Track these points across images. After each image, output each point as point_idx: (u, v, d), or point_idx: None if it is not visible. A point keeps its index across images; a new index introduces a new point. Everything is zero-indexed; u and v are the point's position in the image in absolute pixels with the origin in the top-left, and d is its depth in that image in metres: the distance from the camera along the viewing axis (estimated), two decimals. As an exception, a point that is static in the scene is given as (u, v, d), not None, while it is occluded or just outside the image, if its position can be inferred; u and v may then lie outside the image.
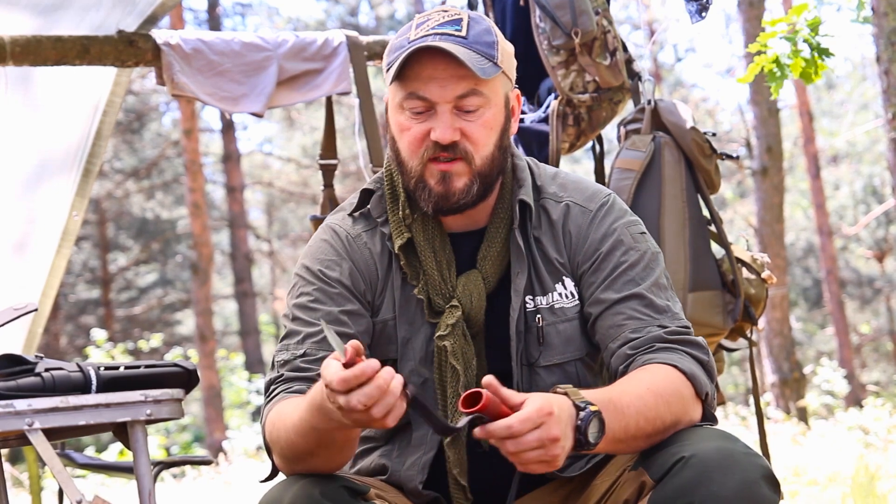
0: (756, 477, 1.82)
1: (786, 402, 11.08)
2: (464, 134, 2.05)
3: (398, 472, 2.12)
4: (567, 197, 2.17)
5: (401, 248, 2.12)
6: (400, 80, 2.06)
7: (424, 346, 2.12)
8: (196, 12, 22.26)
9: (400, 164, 2.11)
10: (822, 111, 24.90)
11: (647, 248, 2.13)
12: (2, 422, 2.22)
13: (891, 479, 6.73)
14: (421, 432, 2.12)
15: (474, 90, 2.04)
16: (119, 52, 4.07)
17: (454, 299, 2.11)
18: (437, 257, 2.12)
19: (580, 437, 1.81)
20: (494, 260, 2.13)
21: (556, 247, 2.14)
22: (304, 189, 23.34)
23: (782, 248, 11.23)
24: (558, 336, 2.11)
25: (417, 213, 2.13)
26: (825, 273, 19.41)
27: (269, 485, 2.02)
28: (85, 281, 22.55)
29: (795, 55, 3.13)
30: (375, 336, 2.13)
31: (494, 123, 2.08)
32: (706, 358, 2.04)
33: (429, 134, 2.05)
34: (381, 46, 4.40)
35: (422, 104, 2.05)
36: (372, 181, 2.23)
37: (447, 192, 2.07)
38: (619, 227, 2.13)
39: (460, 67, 2.02)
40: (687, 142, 3.43)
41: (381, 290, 2.14)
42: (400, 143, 2.10)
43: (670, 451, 1.87)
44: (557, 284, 2.12)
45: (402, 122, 2.09)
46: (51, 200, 4.91)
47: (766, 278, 3.48)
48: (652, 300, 2.07)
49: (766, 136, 11.17)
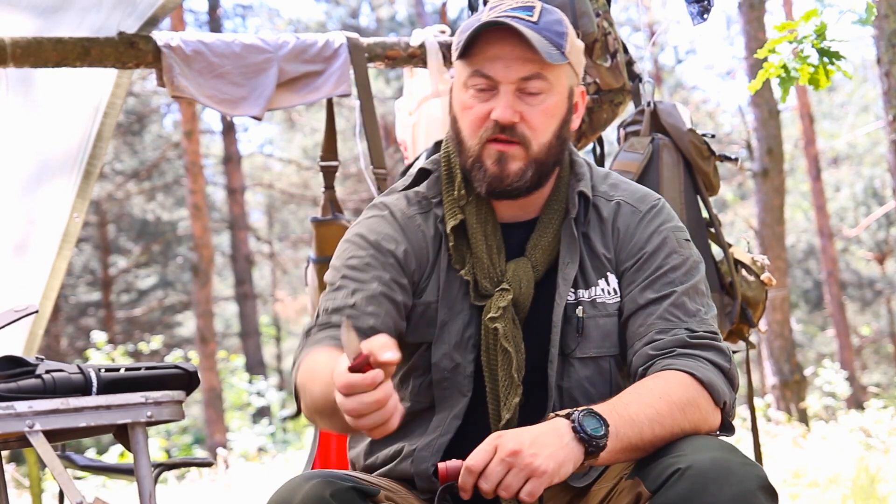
0: (753, 488, 1.82)
1: (787, 404, 11.08)
2: (523, 118, 2.06)
3: (412, 454, 2.11)
4: (618, 196, 2.19)
5: (452, 229, 2.13)
6: (466, 57, 2.08)
7: (461, 332, 2.12)
8: (197, 14, 22.29)
9: (459, 144, 2.13)
10: (823, 113, 24.89)
11: (691, 254, 2.15)
12: (2, 423, 2.22)
13: (891, 482, 6.73)
14: (442, 415, 2.12)
15: (539, 74, 2.06)
16: (120, 53, 4.07)
17: (504, 283, 2.11)
18: (488, 241, 2.13)
19: (583, 435, 1.84)
20: (545, 249, 2.14)
21: (604, 242, 2.15)
22: (305, 191, 23.35)
23: (783, 249, 11.23)
24: (597, 329, 2.12)
25: (472, 196, 2.14)
26: (826, 275, 19.41)
27: (269, 485, 2.01)
28: (85, 283, 22.55)
29: (803, 61, 3.12)
30: (416, 318, 2.13)
31: (556, 111, 2.10)
32: (727, 365, 2.04)
33: (490, 114, 2.06)
34: (381, 48, 4.39)
35: (485, 82, 2.07)
36: (429, 162, 2.23)
37: (501, 174, 2.07)
38: (667, 230, 2.15)
39: (527, 50, 2.04)
40: (685, 144, 3.43)
41: (429, 273, 2.15)
42: (461, 122, 2.12)
43: (666, 462, 1.87)
44: (601, 280, 2.13)
45: (465, 101, 2.11)
46: (51, 202, 4.91)
47: (766, 280, 3.48)
48: (685, 303, 2.08)
49: (767, 138, 11.17)
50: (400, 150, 5.64)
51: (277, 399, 16.82)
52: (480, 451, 1.83)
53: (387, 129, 16.45)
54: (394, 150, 16.92)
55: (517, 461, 1.81)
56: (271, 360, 25.47)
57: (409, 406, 2.14)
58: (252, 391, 16.92)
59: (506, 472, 1.81)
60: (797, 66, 3.13)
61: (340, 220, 4.15)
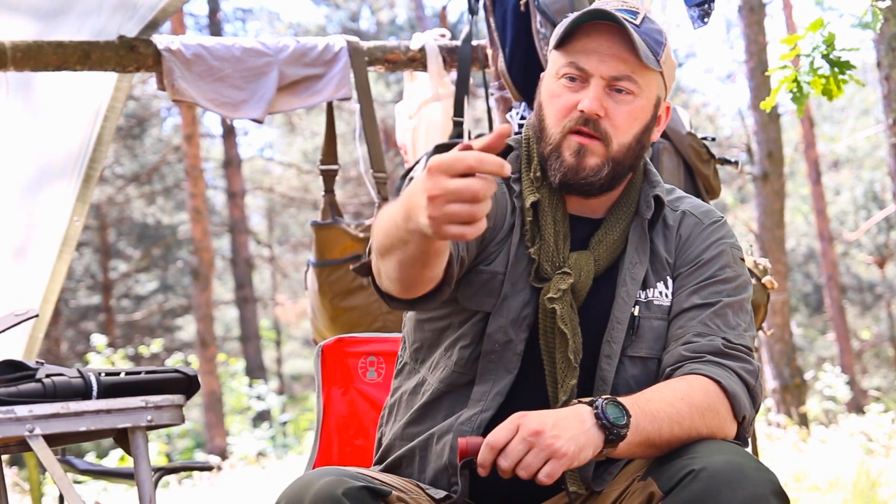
0: (765, 492, 1.82)
1: (787, 408, 11.07)
2: (609, 114, 2.07)
3: (450, 427, 2.09)
4: (684, 206, 2.22)
5: (531, 205, 2.13)
6: (563, 47, 2.09)
7: (519, 309, 2.11)
8: (197, 17, 22.28)
9: (541, 131, 2.13)
10: (823, 117, 24.90)
11: (743, 272, 2.17)
12: (2, 427, 2.22)
13: (892, 486, 6.73)
14: (483, 388, 2.10)
15: (630, 76, 2.07)
16: (120, 57, 4.07)
17: (565, 268, 2.11)
18: (556, 227, 2.13)
19: (605, 422, 1.85)
20: (609, 246, 2.14)
21: (667, 247, 2.17)
22: (305, 194, 23.35)
23: (783, 253, 11.22)
24: (652, 331, 2.12)
25: (545, 183, 2.14)
26: (826, 279, 19.41)
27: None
28: (86, 286, 22.55)
29: (814, 72, 3.11)
30: (478, 285, 2.12)
31: (641, 115, 2.11)
32: (753, 382, 2.05)
33: (576, 105, 2.07)
34: (381, 52, 4.40)
35: (578, 73, 2.08)
36: (513, 140, 2.23)
37: (578, 166, 2.08)
38: (726, 244, 2.18)
39: (624, 49, 2.06)
40: (685, 147, 3.44)
41: (501, 239, 2.14)
42: (546, 109, 2.12)
43: (680, 464, 1.88)
44: (660, 283, 2.15)
45: (554, 89, 2.11)
46: (51, 206, 4.91)
47: (767, 283, 3.47)
48: (727, 315, 2.10)
49: (767, 142, 11.17)
50: (400, 154, 5.64)
51: (278, 403, 16.82)
52: (502, 429, 1.83)
53: (387, 133, 16.45)
54: (394, 154, 16.93)
55: (538, 441, 1.82)
56: (271, 363, 25.46)
57: (447, 378, 2.12)
58: (252, 395, 16.92)
59: (526, 451, 1.82)
60: (809, 80, 3.12)
61: (340, 223, 4.15)
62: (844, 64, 3.11)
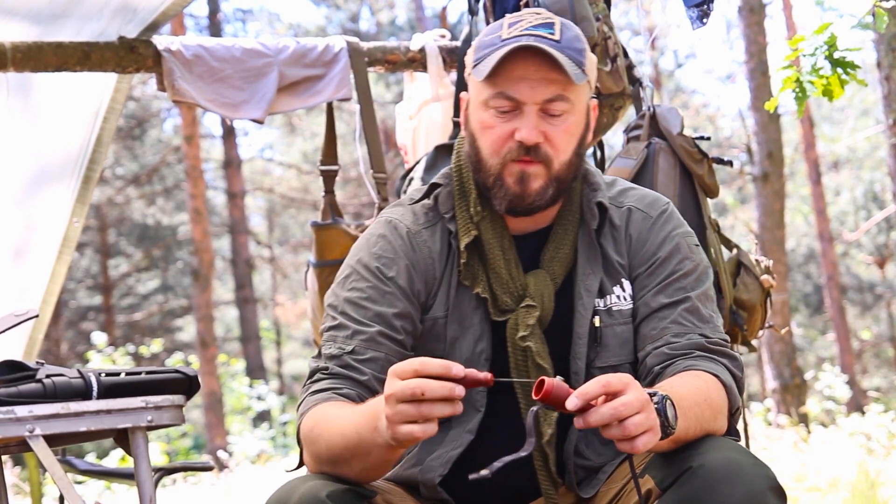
0: (763, 488, 1.82)
1: (787, 408, 11.07)
2: (546, 138, 2.06)
3: (421, 462, 2.11)
4: (628, 202, 2.20)
5: (466, 246, 2.12)
6: (490, 77, 2.05)
7: (472, 347, 2.11)
8: (197, 18, 22.27)
9: (478, 162, 2.11)
10: (823, 117, 24.90)
11: (701, 260, 2.16)
12: (3, 428, 2.22)
13: (892, 486, 6.73)
14: (458, 430, 2.11)
15: (562, 95, 2.05)
16: (120, 58, 4.07)
17: (527, 298, 2.10)
18: (506, 256, 2.13)
19: (662, 419, 1.79)
20: (562, 261, 2.14)
21: (618, 249, 2.16)
22: (305, 195, 23.35)
23: (783, 253, 11.23)
24: (615, 338, 2.12)
25: (486, 211, 2.13)
26: (826, 279, 19.40)
27: (293, 475, 2.02)
28: (86, 287, 22.55)
29: (816, 73, 3.11)
30: (424, 333, 2.13)
31: (576, 130, 2.10)
32: (740, 374, 2.06)
33: (513, 134, 2.06)
34: (381, 52, 4.40)
35: (508, 104, 2.06)
36: (440, 176, 2.22)
37: (524, 193, 2.07)
38: (678, 235, 2.16)
39: (551, 71, 2.03)
40: (677, 147, 3.44)
41: (437, 288, 2.14)
42: (481, 141, 2.10)
43: (678, 460, 1.88)
44: (616, 287, 2.14)
45: (486, 120, 2.08)
46: (51, 207, 4.91)
47: (763, 282, 3.47)
48: (699, 309, 2.10)
49: (767, 142, 11.17)
50: (400, 155, 5.64)
51: (278, 403, 16.81)
52: (615, 378, 1.73)
53: (387, 134, 16.46)
54: (394, 155, 16.93)
55: (649, 408, 1.75)
56: (272, 364, 25.46)
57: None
58: (252, 395, 16.91)
59: (638, 411, 1.72)
60: (811, 80, 3.11)
61: (340, 224, 4.15)
62: (849, 64, 3.10)
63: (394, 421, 1.74)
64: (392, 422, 1.74)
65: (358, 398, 2.02)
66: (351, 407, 1.95)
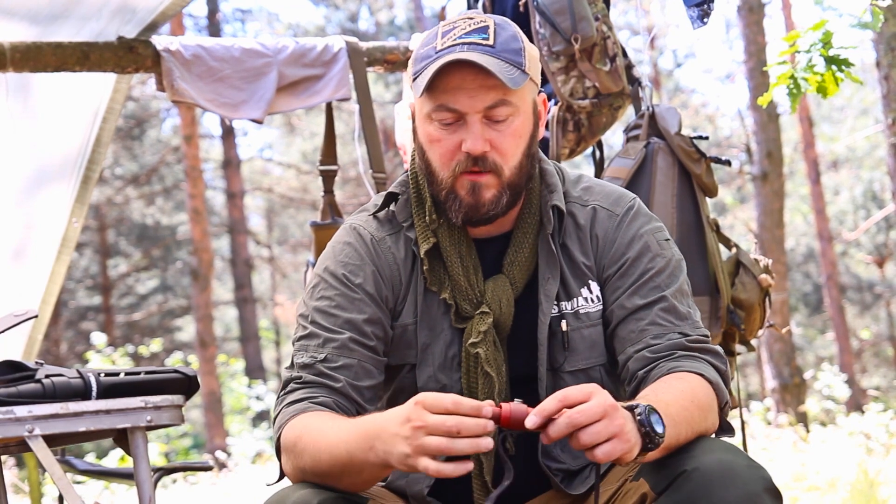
0: (758, 490, 1.81)
1: (786, 408, 11.08)
2: (493, 145, 2.03)
3: (406, 475, 2.10)
4: (593, 200, 2.17)
5: (426, 253, 2.11)
6: (428, 91, 2.03)
7: (444, 352, 2.11)
8: (196, 18, 22.26)
9: (430, 175, 2.09)
10: (822, 116, 24.90)
11: (672, 254, 2.14)
12: (2, 428, 2.22)
13: (891, 485, 6.73)
14: None
15: (503, 100, 2.02)
16: (119, 58, 4.07)
17: (483, 305, 2.10)
18: (464, 263, 2.11)
19: (647, 430, 1.78)
20: (522, 265, 2.12)
21: (583, 250, 2.13)
22: (304, 195, 23.35)
23: (782, 253, 11.23)
24: (583, 341, 2.11)
25: (443, 219, 2.12)
26: (825, 278, 19.41)
27: (274, 488, 2.02)
28: (85, 287, 22.55)
29: (810, 69, 3.10)
30: (395, 340, 2.12)
31: (523, 132, 2.07)
32: (724, 368, 2.05)
33: (460, 146, 2.03)
34: (380, 52, 4.40)
35: (451, 115, 2.03)
36: (396, 184, 2.21)
37: (477, 203, 2.05)
38: (646, 232, 2.13)
39: (489, 78, 2.00)
40: (675, 146, 3.44)
41: (404, 294, 2.13)
42: (430, 155, 2.08)
43: (672, 464, 1.87)
44: (583, 289, 2.12)
45: (432, 133, 2.06)
46: (50, 207, 4.91)
47: (761, 280, 3.47)
48: (675, 306, 2.08)
49: (766, 142, 11.18)
50: (399, 154, 5.64)
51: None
52: (575, 390, 1.74)
53: (386, 133, 16.47)
54: (393, 154, 16.94)
55: (614, 415, 1.74)
56: (271, 364, 25.47)
57: None
58: (252, 395, 16.92)
59: (599, 418, 1.72)
60: (805, 76, 3.11)
61: (339, 223, 4.15)
62: (843, 61, 3.10)
63: (417, 452, 1.74)
64: (416, 453, 1.74)
65: (335, 405, 2.01)
66: (335, 420, 1.94)
